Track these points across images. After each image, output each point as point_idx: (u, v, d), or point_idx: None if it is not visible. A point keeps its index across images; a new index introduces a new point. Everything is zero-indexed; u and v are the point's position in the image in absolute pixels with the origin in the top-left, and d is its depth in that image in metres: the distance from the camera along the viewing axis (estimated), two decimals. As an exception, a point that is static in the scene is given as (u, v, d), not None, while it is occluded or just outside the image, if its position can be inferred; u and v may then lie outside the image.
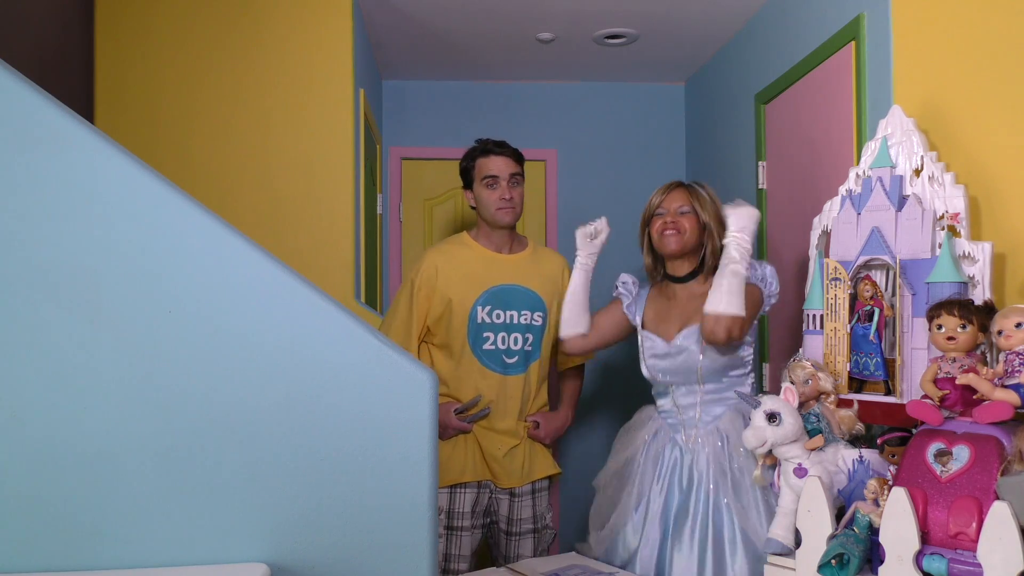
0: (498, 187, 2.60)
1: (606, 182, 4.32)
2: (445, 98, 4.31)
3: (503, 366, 2.59)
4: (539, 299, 2.63)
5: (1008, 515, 1.38)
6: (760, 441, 1.78)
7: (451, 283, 2.59)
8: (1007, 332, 1.57)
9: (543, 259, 2.73)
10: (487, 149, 2.64)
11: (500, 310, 2.59)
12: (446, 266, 2.61)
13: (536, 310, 2.62)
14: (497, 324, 2.59)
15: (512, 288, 2.61)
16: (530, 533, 2.65)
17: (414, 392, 1.46)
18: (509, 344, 2.59)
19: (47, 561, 1.37)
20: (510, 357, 2.59)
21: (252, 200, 2.98)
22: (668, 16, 3.43)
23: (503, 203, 2.59)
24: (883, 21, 2.31)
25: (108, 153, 1.39)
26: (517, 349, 2.59)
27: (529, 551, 2.64)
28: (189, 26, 2.99)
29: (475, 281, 2.59)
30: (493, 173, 2.60)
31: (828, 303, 1.97)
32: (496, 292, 2.60)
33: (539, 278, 2.65)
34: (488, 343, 2.58)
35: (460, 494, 2.56)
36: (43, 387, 1.37)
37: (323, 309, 1.45)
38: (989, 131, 1.89)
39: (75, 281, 1.38)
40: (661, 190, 2.34)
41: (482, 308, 2.57)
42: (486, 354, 2.58)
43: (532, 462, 2.64)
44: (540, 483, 2.67)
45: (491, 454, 2.57)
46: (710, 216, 2.27)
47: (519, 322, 2.60)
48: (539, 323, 2.62)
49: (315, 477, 1.44)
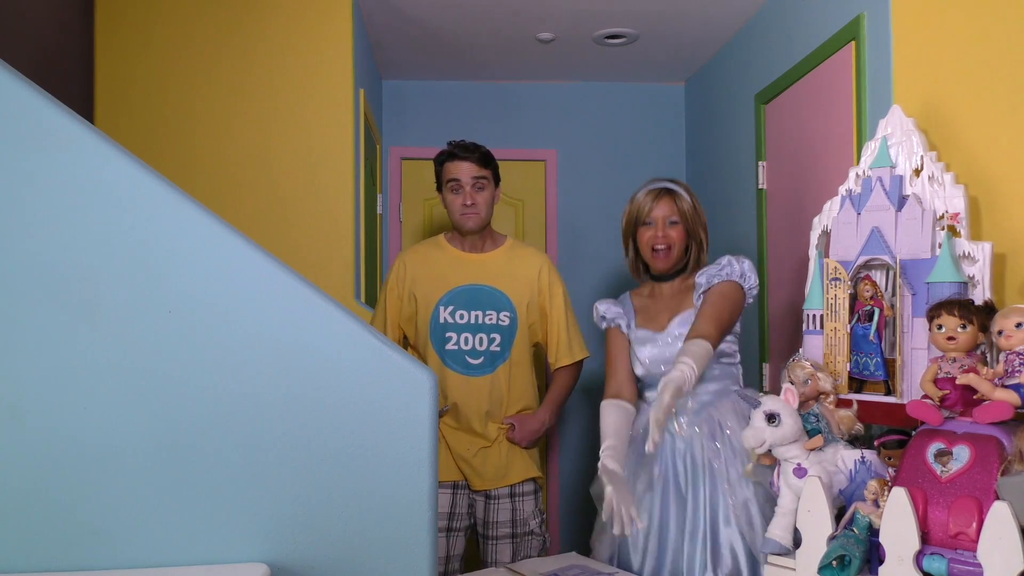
0: (461, 192, 2.58)
1: (606, 182, 4.32)
2: (445, 98, 4.31)
3: (466, 366, 2.57)
4: (506, 299, 2.61)
5: (1008, 515, 1.38)
6: (759, 441, 1.77)
7: (418, 282, 2.61)
8: (1007, 332, 1.57)
9: (518, 258, 2.68)
10: (452, 153, 2.62)
11: (464, 310, 2.58)
12: (415, 266, 2.63)
13: (503, 310, 2.60)
14: (460, 324, 2.57)
15: (477, 288, 2.60)
16: (508, 538, 2.58)
17: (414, 392, 1.46)
18: (474, 344, 2.57)
19: (47, 561, 1.37)
20: (474, 358, 2.57)
21: (252, 200, 2.98)
22: (668, 16, 3.43)
23: (465, 208, 2.58)
24: (883, 21, 2.31)
25: (108, 153, 1.39)
26: (483, 350, 2.57)
27: (507, 557, 2.56)
28: (189, 26, 2.99)
29: (440, 281, 2.60)
30: (455, 177, 2.59)
31: (828, 303, 1.97)
32: (460, 292, 2.59)
33: (509, 278, 2.62)
34: (451, 343, 2.57)
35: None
36: (43, 387, 1.37)
37: (323, 309, 1.45)
38: (989, 131, 1.89)
39: (75, 281, 1.38)
40: (649, 195, 2.32)
41: (444, 308, 2.58)
42: (449, 354, 2.57)
43: (509, 465, 2.59)
44: (521, 487, 2.61)
45: (459, 454, 2.56)
46: (693, 219, 2.32)
47: (484, 322, 2.58)
48: (506, 323, 2.59)
49: (315, 477, 1.44)
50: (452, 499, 2.58)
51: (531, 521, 2.62)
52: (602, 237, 4.25)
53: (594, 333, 2.70)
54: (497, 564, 2.55)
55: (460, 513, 2.60)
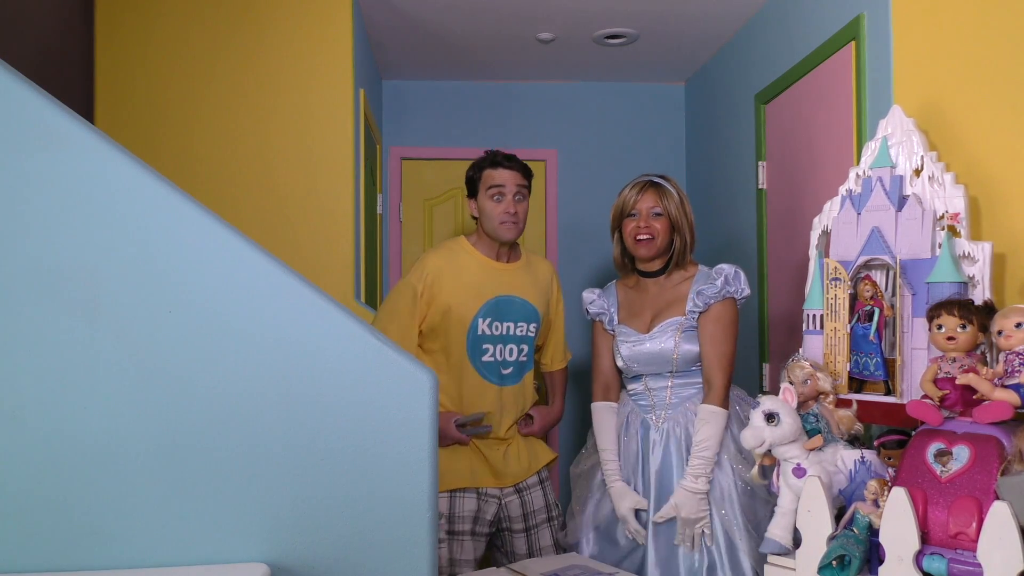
0: (503, 200, 2.52)
1: (606, 182, 4.31)
2: (445, 98, 4.31)
3: (500, 377, 2.56)
4: (534, 310, 2.60)
5: (1008, 515, 1.38)
6: (758, 441, 1.77)
7: (451, 291, 2.52)
8: (1007, 332, 1.57)
9: (535, 267, 2.69)
10: (496, 161, 2.57)
11: (498, 322, 2.55)
12: (448, 272, 2.53)
13: (531, 321, 2.60)
14: (496, 336, 2.54)
15: (510, 299, 2.57)
16: (546, 523, 2.63)
17: (414, 392, 1.46)
18: (505, 356, 2.56)
19: (47, 561, 1.37)
20: (506, 368, 2.56)
21: (252, 200, 2.98)
22: (668, 16, 3.44)
23: (507, 217, 2.51)
24: (883, 21, 2.31)
25: (108, 153, 1.39)
26: (512, 360, 2.57)
27: (549, 541, 2.62)
28: (189, 26, 2.99)
29: (476, 291, 2.53)
30: (499, 183, 2.53)
31: (828, 303, 1.97)
32: (496, 303, 2.54)
33: (533, 288, 2.62)
34: (487, 355, 2.54)
35: (460, 499, 2.55)
36: (43, 387, 1.37)
37: (323, 309, 1.45)
38: (989, 131, 1.89)
39: (75, 281, 1.38)
40: (634, 188, 2.37)
41: (483, 320, 2.52)
42: (485, 366, 2.54)
43: (532, 453, 2.64)
44: (543, 472, 2.68)
45: (490, 457, 2.57)
46: (679, 213, 2.34)
47: (515, 333, 2.57)
48: (532, 334, 2.61)
49: (315, 477, 1.44)
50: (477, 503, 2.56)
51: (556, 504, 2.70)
52: (602, 237, 4.23)
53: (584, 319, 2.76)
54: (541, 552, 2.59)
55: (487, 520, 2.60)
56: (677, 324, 2.29)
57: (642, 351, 2.32)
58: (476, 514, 2.57)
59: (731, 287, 2.26)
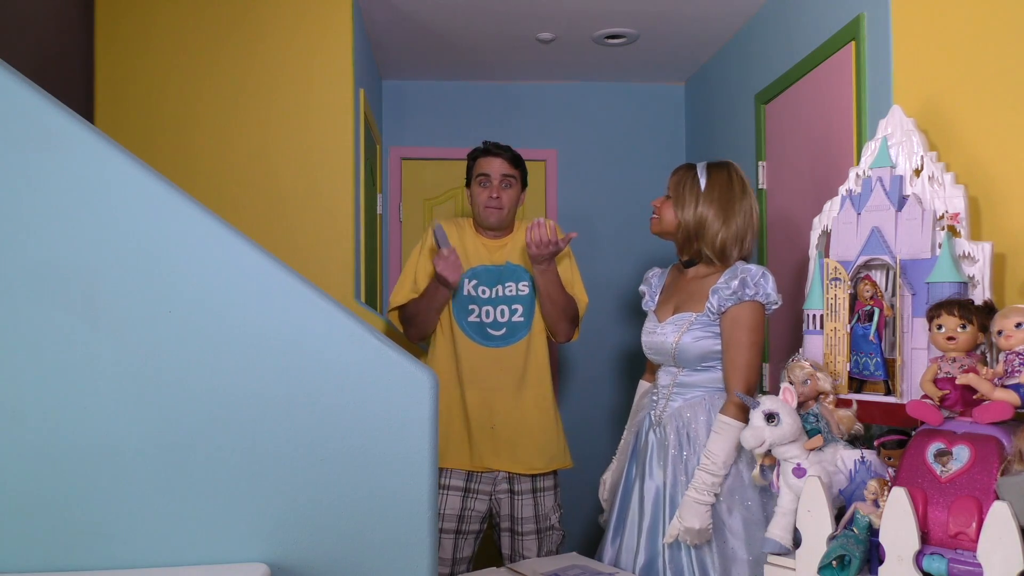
0: (488, 186, 2.68)
1: (606, 182, 4.32)
2: (445, 98, 4.31)
3: (486, 337, 2.64)
4: (523, 271, 2.69)
5: (1008, 515, 1.38)
6: (758, 441, 1.77)
7: None
8: (1007, 332, 1.57)
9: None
10: (486, 149, 2.73)
11: (485, 286, 2.67)
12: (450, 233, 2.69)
13: (521, 280, 2.68)
14: (483, 298, 2.66)
15: (499, 267, 2.70)
16: (533, 535, 2.65)
17: (414, 391, 1.46)
18: (496, 316, 2.65)
19: (47, 561, 1.37)
20: (497, 329, 2.65)
21: (252, 200, 2.98)
22: (668, 16, 3.43)
23: (491, 202, 2.67)
24: (883, 21, 2.31)
25: (108, 153, 1.39)
26: (504, 321, 2.65)
27: (533, 552, 2.64)
28: (189, 26, 2.99)
29: (464, 256, 2.68)
30: (486, 172, 2.69)
31: (828, 303, 1.97)
32: (484, 269, 2.68)
33: (524, 250, 2.67)
34: (472, 315, 2.65)
35: (444, 495, 2.57)
36: (43, 387, 1.37)
37: (323, 309, 1.45)
38: (989, 131, 1.89)
39: (75, 281, 1.38)
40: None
41: (469, 281, 2.66)
42: (470, 326, 2.65)
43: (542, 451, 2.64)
44: (543, 480, 2.66)
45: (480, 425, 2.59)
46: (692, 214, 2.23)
47: (504, 294, 2.67)
48: (526, 292, 2.67)
49: (315, 477, 1.44)
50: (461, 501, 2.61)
51: (552, 516, 2.70)
52: (602, 237, 4.25)
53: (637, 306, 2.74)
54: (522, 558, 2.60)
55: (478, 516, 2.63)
56: (688, 319, 2.22)
57: (651, 340, 2.31)
58: (461, 512, 2.58)
59: (750, 290, 2.13)
